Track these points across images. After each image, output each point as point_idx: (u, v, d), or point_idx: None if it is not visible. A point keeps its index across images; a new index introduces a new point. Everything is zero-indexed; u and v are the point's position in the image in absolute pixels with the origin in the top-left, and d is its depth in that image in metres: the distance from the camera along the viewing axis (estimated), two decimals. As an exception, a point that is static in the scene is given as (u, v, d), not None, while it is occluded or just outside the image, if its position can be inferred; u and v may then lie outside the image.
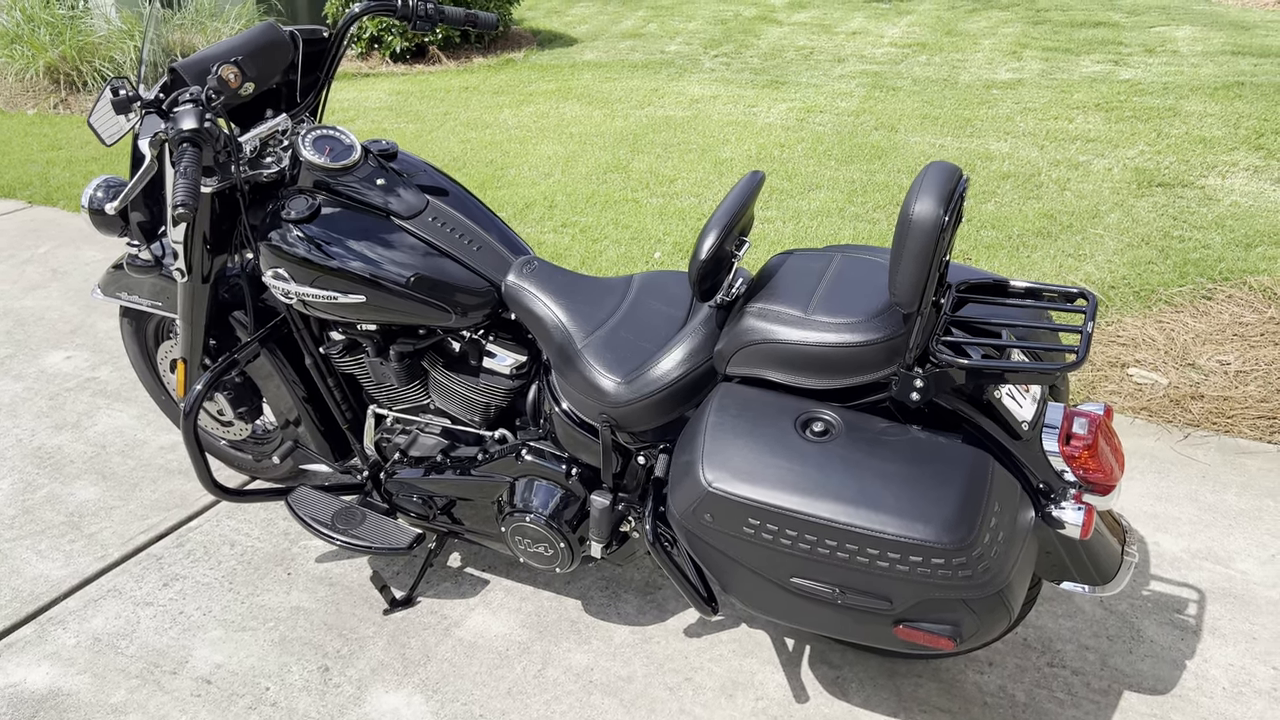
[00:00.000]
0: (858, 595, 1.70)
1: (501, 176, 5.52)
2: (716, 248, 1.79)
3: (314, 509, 2.42)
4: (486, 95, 7.16)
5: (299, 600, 2.49)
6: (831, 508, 1.64)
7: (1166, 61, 6.90)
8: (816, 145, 5.75)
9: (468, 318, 2.15)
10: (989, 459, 1.69)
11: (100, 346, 3.80)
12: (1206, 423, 3.13)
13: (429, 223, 2.18)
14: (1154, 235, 4.43)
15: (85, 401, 3.42)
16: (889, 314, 1.72)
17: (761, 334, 1.80)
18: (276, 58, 2.19)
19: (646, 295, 2.15)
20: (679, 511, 1.78)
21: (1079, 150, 5.47)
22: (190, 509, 2.83)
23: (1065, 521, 1.73)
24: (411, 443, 2.40)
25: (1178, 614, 2.36)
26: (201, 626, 2.42)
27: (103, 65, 7.13)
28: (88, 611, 2.48)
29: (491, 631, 2.38)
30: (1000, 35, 7.94)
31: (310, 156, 2.13)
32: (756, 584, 1.79)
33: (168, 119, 1.89)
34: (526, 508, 2.19)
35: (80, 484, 2.97)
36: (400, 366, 2.25)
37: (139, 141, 2.06)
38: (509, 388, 2.24)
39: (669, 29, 8.91)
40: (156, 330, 2.83)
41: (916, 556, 1.60)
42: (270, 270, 2.16)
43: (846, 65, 7.37)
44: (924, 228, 1.56)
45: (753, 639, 2.33)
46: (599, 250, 4.53)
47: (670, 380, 1.93)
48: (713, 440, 1.75)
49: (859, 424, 1.74)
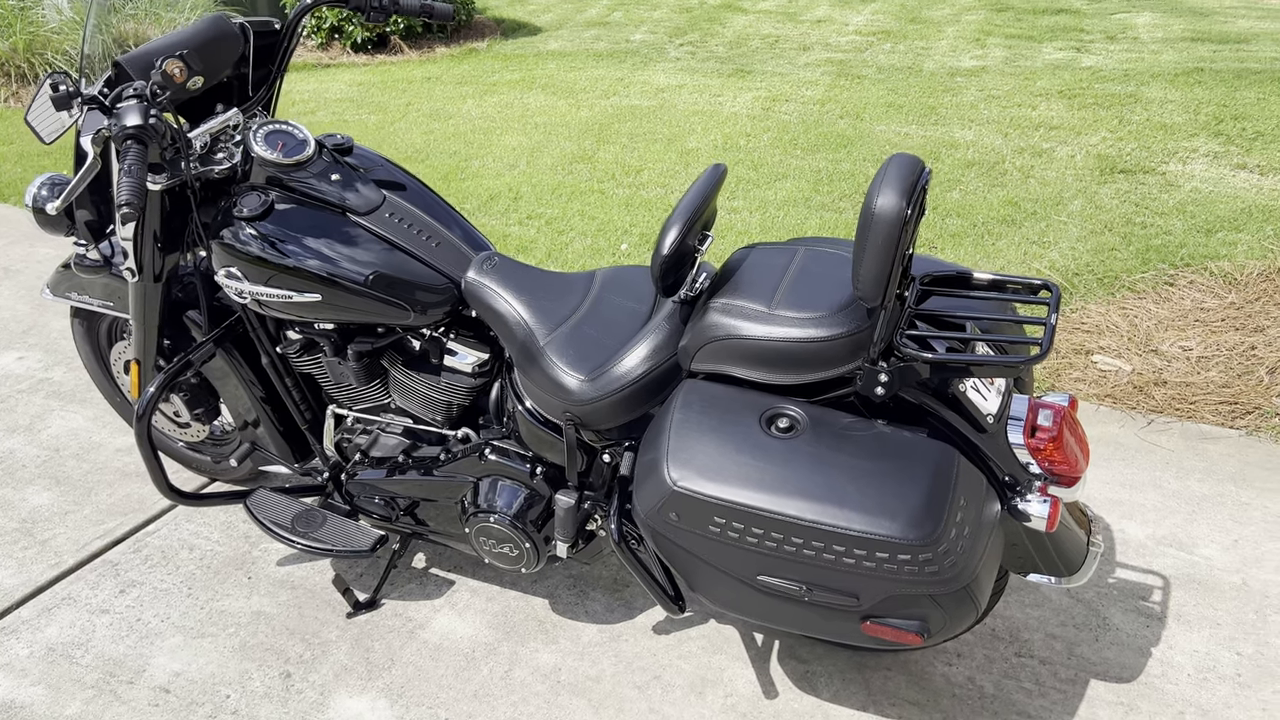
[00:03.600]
0: (825, 592, 1.68)
1: (465, 168, 5.46)
2: (679, 243, 1.76)
3: (274, 512, 2.37)
4: (450, 85, 7.08)
5: (260, 605, 2.44)
6: (797, 505, 1.62)
7: (1127, 48, 6.94)
8: (782, 134, 5.73)
9: (427, 315, 2.11)
10: (954, 453, 1.68)
11: (53, 347, 3.71)
12: (1169, 409, 3.15)
13: (386, 218, 2.13)
14: (1117, 222, 4.45)
15: (38, 404, 3.34)
16: (853, 308, 1.70)
17: (725, 330, 1.77)
18: (226, 51, 2.13)
19: (609, 291, 2.11)
20: (644, 511, 1.76)
21: (1042, 138, 5.49)
22: (147, 513, 2.77)
23: (1031, 514, 1.73)
24: (372, 443, 2.36)
25: (1143, 601, 2.37)
26: (159, 634, 2.36)
27: (55, 58, 6.97)
28: (41, 620, 2.41)
29: (457, 633, 2.34)
30: (964, 23, 7.96)
31: (262, 152, 2.08)
32: (723, 582, 1.77)
33: (111, 115, 1.83)
34: (490, 508, 2.16)
35: (33, 489, 2.90)
36: (359, 366, 2.20)
37: (81, 139, 2.00)
38: (471, 386, 2.20)
39: (634, 17, 8.85)
40: (109, 331, 2.76)
41: (883, 553, 1.59)
42: (223, 269, 2.11)
43: (812, 54, 7.36)
44: (886, 220, 1.54)
45: (721, 635, 2.31)
46: (565, 242, 4.49)
47: (634, 378, 1.91)
48: (677, 438, 1.73)
49: (824, 419, 1.73)
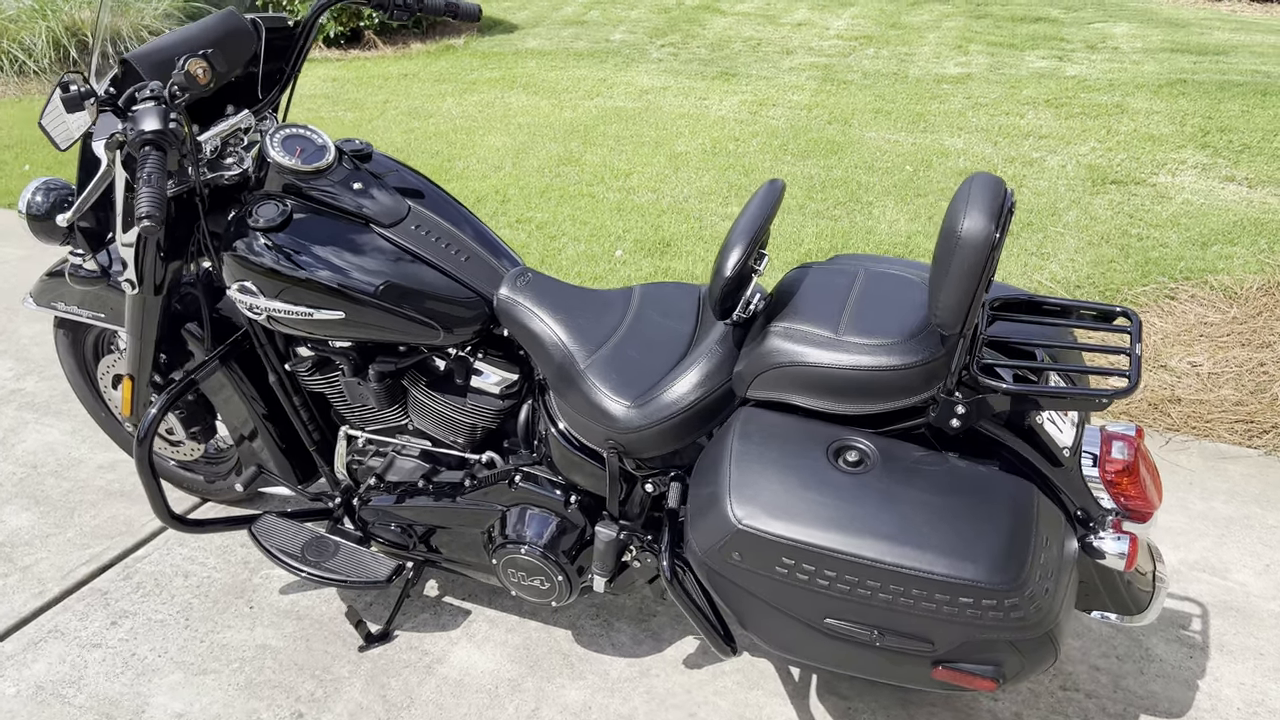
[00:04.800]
0: (897, 637, 1.59)
1: (449, 169, 5.30)
2: (742, 264, 1.66)
3: (281, 540, 2.22)
4: (427, 83, 6.90)
5: (264, 637, 2.30)
6: (873, 546, 1.53)
7: (1109, 58, 6.97)
8: (771, 139, 5.65)
9: (456, 334, 1.98)
10: (1033, 489, 1.60)
11: (24, 354, 3.51)
12: (1186, 427, 3.11)
13: (412, 231, 2.00)
14: (1113, 233, 4.43)
15: (10, 416, 3.15)
16: (925, 335, 1.61)
17: (789, 356, 1.67)
18: (239, 48, 1.99)
19: (649, 309, 2.00)
20: (702, 549, 1.65)
21: (1032, 147, 5.47)
22: (136, 536, 2.61)
23: (1107, 552, 1.65)
24: (388, 466, 2.22)
25: (1183, 630, 2.32)
26: (157, 670, 2.21)
27: (11, 46, 6.69)
28: (27, 656, 2.25)
29: (478, 668, 2.22)
30: (944, 29, 7.95)
31: (280, 158, 1.94)
32: (784, 624, 1.67)
33: (125, 118, 1.68)
34: (520, 538, 2.04)
35: (10, 509, 2.72)
36: (380, 387, 2.07)
37: (93, 143, 1.84)
38: (498, 408, 2.08)
39: (611, 16, 8.73)
40: (96, 342, 2.59)
41: (966, 598, 1.50)
42: (236, 283, 1.96)
43: (795, 57, 7.29)
44: (974, 245, 1.45)
45: (757, 669, 2.21)
46: (558, 248, 4.37)
47: (686, 404, 1.80)
48: (739, 471, 1.63)
49: (894, 453, 1.63)
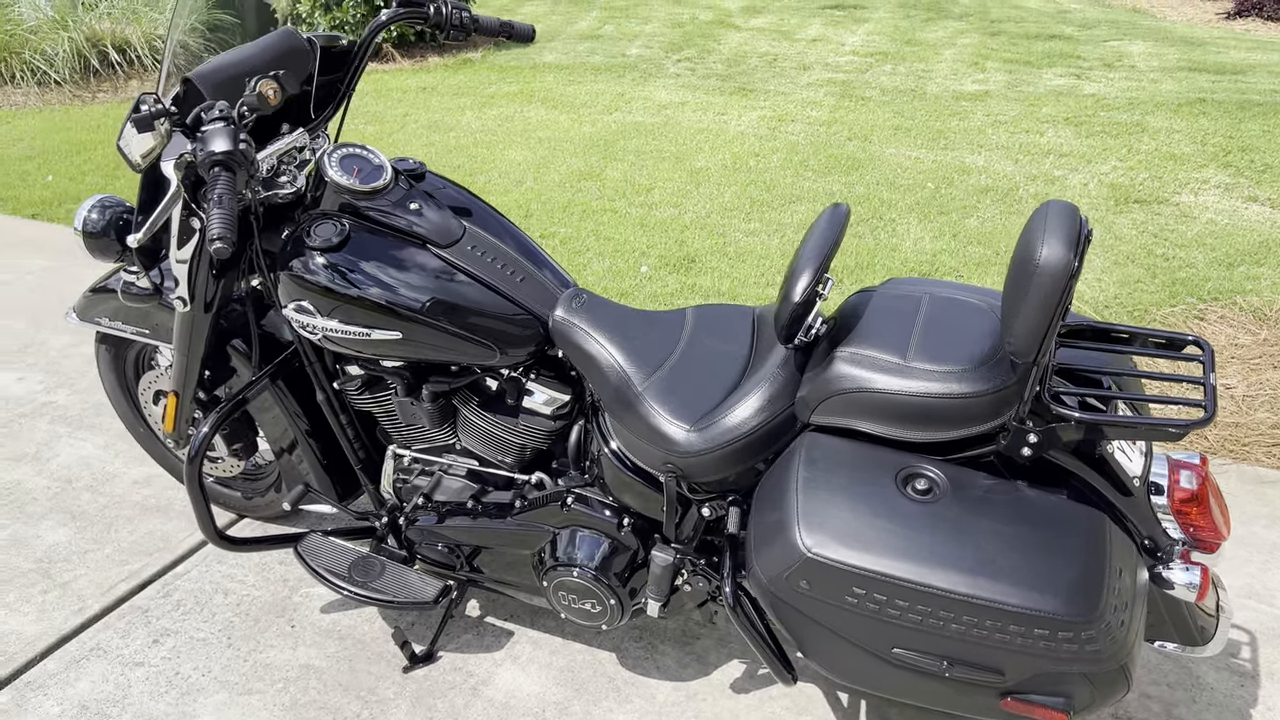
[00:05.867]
0: (967, 668, 1.57)
1: (471, 183, 5.30)
2: (810, 289, 1.65)
3: (328, 559, 2.21)
4: (446, 96, 6.92)
5: (307, 657, 2.28)
6: (946, 576, 1.51)
7: (1126, 76, 6.98)
8: (792, 155, 5.65)
9: (512, 355, 1.97)
10: (1105, 519, 1.59)
11: (55, 367, 3.50)
12: (1223, 450, 3.10)
13: (468, 251, 1.99)
14: (1138, 253, 4.43)
15: (43, 429, 3.14)
16: (996, 362, 1.60)
17: (856, 382, 1.66)
18: (296, 67, 1.99)
19: (703, 332, 2.00)
20: (768, 576, 1.64)
21: (1053, 165, 5.48)
22: (175, 552, 2.59)
23: (1177, 583, 1.64)
24: (435, 486, 2.21)
25: (1233, 658, 2.30)
26: (202, 690, 2.19)
27: (33, 57, 6.70)
28: (70, 674, 2.23)
29: (524, 690, 2.20)
30: (960, 46, 7.97)
31: (338, 178, 1.93)
32: (850, 654, 1.66)
33: (194, 138, 1.68)
34: (572, 561, 2.02)
35: (47, 524, 2.70)
36: (433, 407, 2.06)
37: (161, 163, 1.84)
38: (549, 429, 2.07)
39: (626, 31, 8.75)
40: (138, 359, 2.58)
41: (1042, 630, 1.49)
42: (292, 302, 1.96)
43: (812, 73, 7.31)
44: (1053, 274, 1.44)
45: (805, 695, 2.19)
46: (584, 263, 4.36)
47: (748, 429, 1.79)
48: (806, 499, 1.62)
49: (964, 481, 1.62)
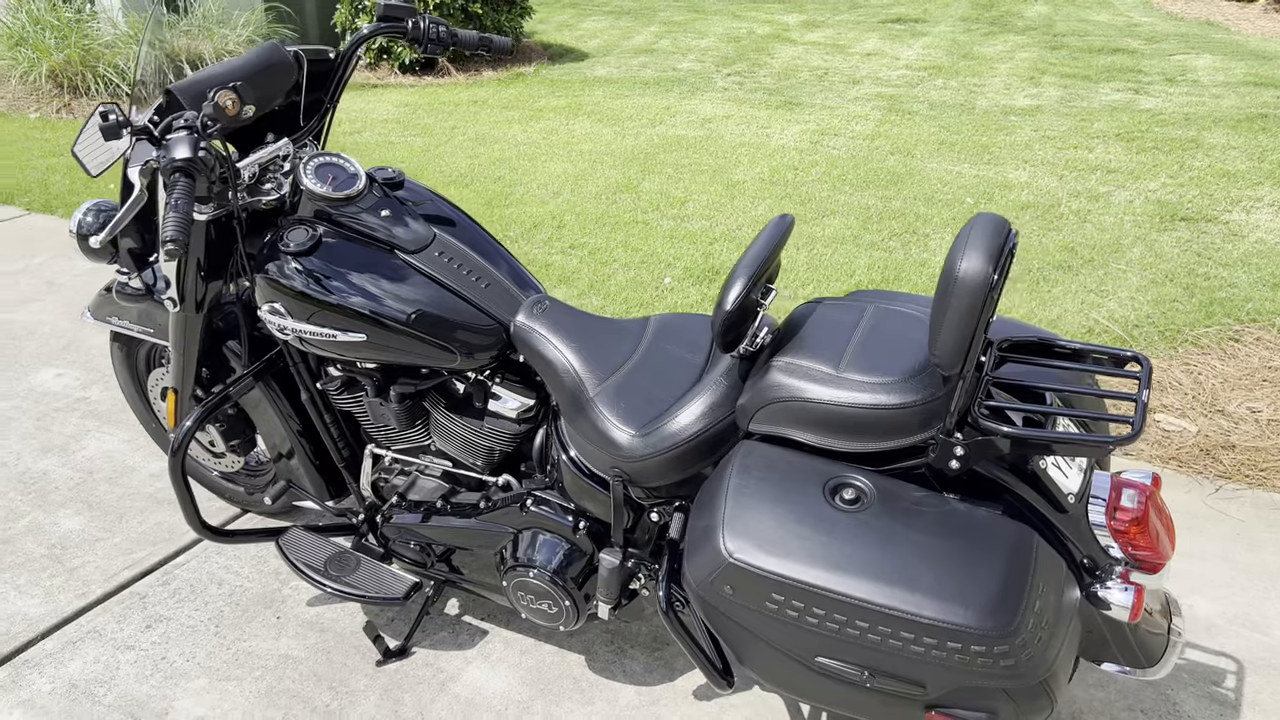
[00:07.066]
0: (888, 679, 1.57)
1: (509, 194, 5.41)
2: (743, 298, 1.67)
3: (306, 553, 2.29)
4: (496, 110, 7.06)
5: (287, 648, 2.36)
6: (863, 586, 1.52)
7: (1187, 91, 6.79)
8: (831, 169, 5.64)
9: (473, 359, 2.03)
10: (1033, 535, 1.57)
11: (92, 364, 3.68)
12: (1239, 475, 3.00)
13: (435, 257, 2.06)
14: (1178, 272, 4.31)
15: (74, 423, 3.30)
16: (927, 374, 1.60)
17: (789, 391, 1.67)
18: (279, 79, 2.08)
19: (663, 340, 2.02)
20: (696, 580, 1.66)
21: (1099, 181, 5.36)
22: (177, 544, 2.71)
23: (1112, 603, 1.61)
24: (410, 485, 2.28)
25: (1215, 686, 2.23)
26: (185, 675, 2.29)
27: (107, 71, 7.04)
28: (65, 654, 2.35)
29: (490, 688, 2.25)
30: (1017, 60, 7.84)
31: (311, 185, 2.02)
32: (777, 660, 1.66)
33: (160, 146, 1.78)
34: (530, 562, 2.07)
35: (65, 513, 2.85)
36: (400, 408, 2.12)
37: (129, 170, 1.94)
38: (514, 432, 2.12)
39: (681, 45, 8.82)
40: (148, 356, 2.71)
41: (955, 643, 1.48)
42: (266, 304, 2.04)
43: (861, 87, 7.27)
44: (971, 286, 1.44)
45: (766, 704, 2.20)
46: (608, 274, 4.42)
47: (688, 436, 1.81)
48: (735, 505, 1.63)
49: (892, 492, 1.62)
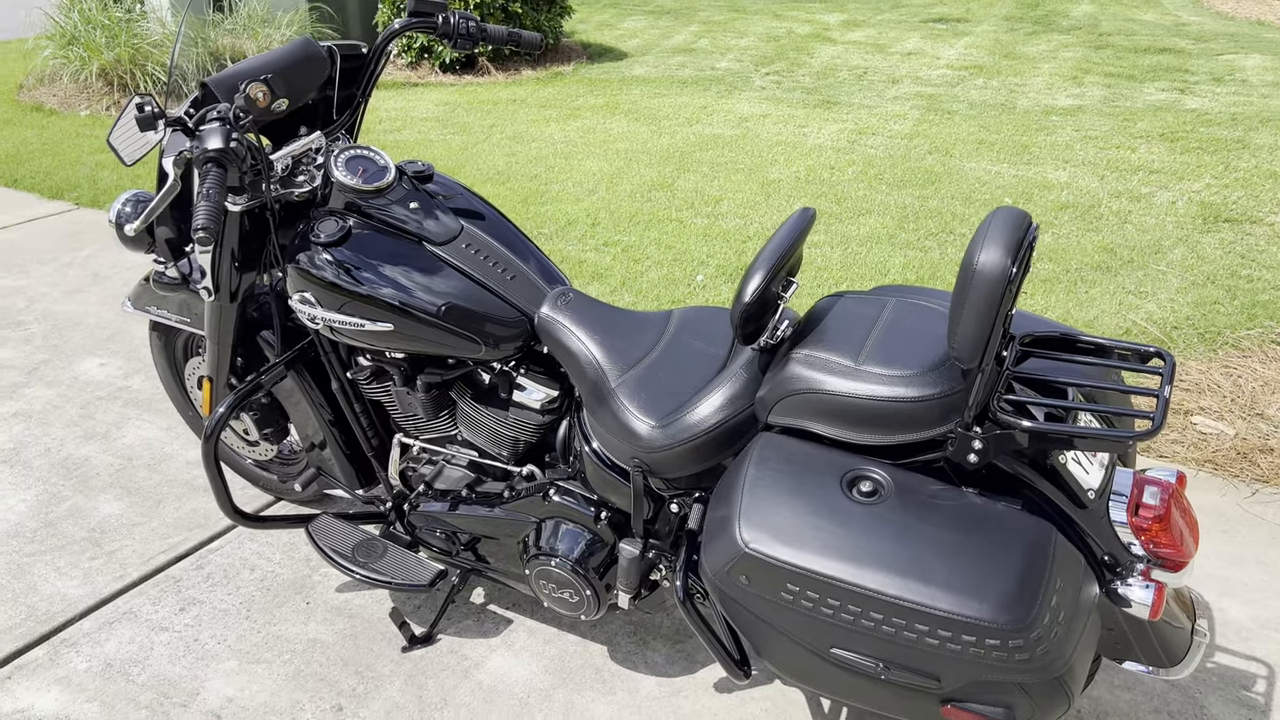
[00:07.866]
0: (903, 671, 1.57)
1: (545, 192, 5.45)
2: (762, 289, 1.68)
3: (335, 539, 2.33)
4: (534, 108, 7.11)
5: (316, 632, 2.41)
6: (878, 578, 1.52)
7: (1235, 91, 6.66)
8: (867, 168, 5.61)
9: (499, 350, 2.05)
10: (1051, 530, 1.56)
11: (134, 354, 3.77)
12: (1276, 479, 2.95)
13: (462, 249, 2.09)
14: (1220, 274, 4.24)
15: (116, 411, 3.38)
16: (947, 367, 1.60)
17: (807, 383, 1.68)
18: (312, 73, 2.12)
19: (686, 333, 2.04)
20: (712, 570, 1.67)
21: (1141, 181, 5.28)
22: (212, 529, 2.77)
23: (1132, 600, 1.59)
24: (437, 474, 2.31)
25: (1245, 690, 2.20)
26: (216, 656, 2.34)
27: (155, 69, 7.19)
28: (102, 634, 2.41)
29: (512, 676, 2.27)
30: (1060, 59, 7.74)
31: (342, 177, 2.05)
32: (793, 651, 1.67)
33: (194, 137, 1.82)
34: (552, 551, 2.09)
35: (105, 498, 2.92)
36: (427, 397, 2.16)
37: (163, 160, 2.00)
38: (539, 423, 2.14)
39: (720, 45, 8.81)
40: (185, 345, 2.77)
41: (969, 636, 1.47)
42: (297, 294, 2.09)
43: (901, 86, 7.22)
44: (989, 279, 1.44)
45: (786, 698, 2.20)
46: (640, 271, 4.43)
47: (708, 427, 1.82)
48: (751, 496, 1.64)
49: (910, 485, 1.62)
